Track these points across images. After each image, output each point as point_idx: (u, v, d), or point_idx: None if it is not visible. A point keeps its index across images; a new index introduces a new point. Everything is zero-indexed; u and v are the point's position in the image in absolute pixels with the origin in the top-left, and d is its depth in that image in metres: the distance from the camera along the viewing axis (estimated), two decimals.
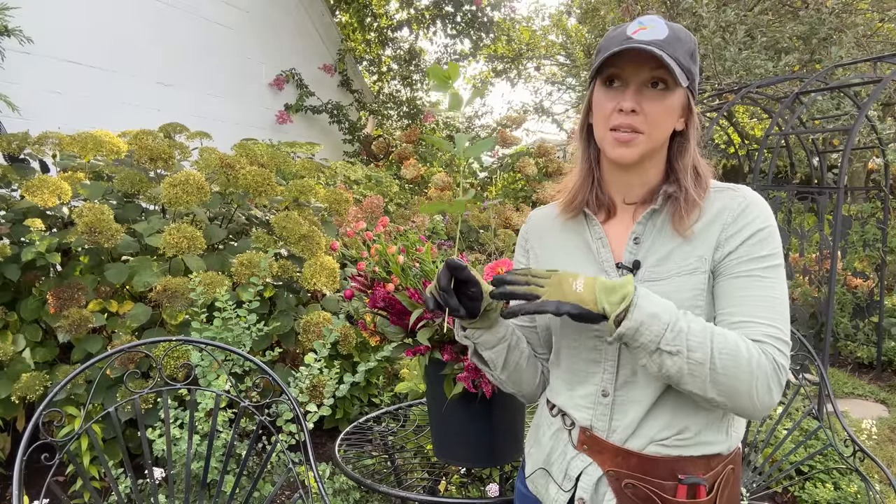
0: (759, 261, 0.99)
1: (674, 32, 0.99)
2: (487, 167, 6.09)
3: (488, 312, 1.07)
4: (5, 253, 2.35)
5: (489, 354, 1.13)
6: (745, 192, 1.04)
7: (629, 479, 1.02)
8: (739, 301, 0.98)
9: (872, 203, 5.30)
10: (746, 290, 0.98)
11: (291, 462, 1.74)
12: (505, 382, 1.18)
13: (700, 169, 1.06)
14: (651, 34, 0.97)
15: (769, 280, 0.98)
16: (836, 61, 4.94)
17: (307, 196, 3.10)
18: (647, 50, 0.94)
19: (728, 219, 1.01)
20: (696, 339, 0.91)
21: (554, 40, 11.43)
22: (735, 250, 0.99)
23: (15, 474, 1.35)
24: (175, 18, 4.90)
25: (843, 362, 4.99)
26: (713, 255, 1.01)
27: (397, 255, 1.49)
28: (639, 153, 1.01)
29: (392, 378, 3.31)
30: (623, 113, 0.99)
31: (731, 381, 0.91)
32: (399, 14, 7.73)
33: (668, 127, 1.02)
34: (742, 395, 0.92)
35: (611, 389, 1.05)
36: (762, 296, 0.98)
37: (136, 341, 2.30)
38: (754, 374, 0.91)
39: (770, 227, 1.01)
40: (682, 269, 1.01)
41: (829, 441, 2.11)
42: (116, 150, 2.90)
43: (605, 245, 1.09)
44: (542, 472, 1.15)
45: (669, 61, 0.94)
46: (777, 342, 0.95)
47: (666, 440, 1.01)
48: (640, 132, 0.99)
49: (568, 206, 1.13)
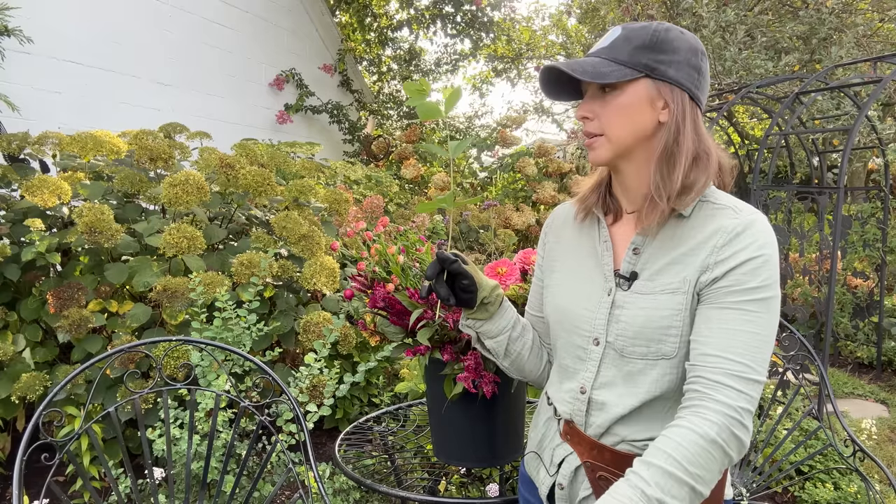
0: (747, 293, 0.94)
1: (624, 34, 1.00)
2: (487, 167, 6.09)
3: (486, 305, 1.14)
4: (5, 253, 2.35)
5: (491, 343, 1.19)
6: (746, 215, 0.99)
7: (602, 471, 1.05)
8: (717, 333, 0.95)
9: (872, 203, 5.30)
10: (726, 322, 0.95)
11: (291, 462, 1.74)
12: (508, 369, 1.24)
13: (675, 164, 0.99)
14: (600, 44, 1.03)
15: (754, 315, 0.94)
16: (836, 61, 4.94)
17: (307, 196, 3.10)
18: (550, 66, 1.01)
19: (720, 241, 0.97)
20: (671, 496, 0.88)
21: (554, 40, 11.42)
22: (723, 277, 0.96)
23: (15, 474, 1.35)
24: (175, 18, 4.90)
25: (843, 362, 4.99)
26: (698, 277, 0.98)
27: (397, 255, 1.49)
28: (607, 154, 1.03)
29: (392, 378, 3.31)
30: (582, 121, 1.05)
31: (714, 476, 0.91)
32: (399, 14, 7.74)
33: (631, 124, 1.00)
34: (722, 469, 0.92)
35: (588, 388, 1.07)
36: (741, 330, 0.94)
37: (136, 341, 2.30)
38: (726, 454, 0.90)
39: (765, 255, 0.95)
40: (666, 288, 1.00)
41: (829, 441, 2.11)
42: (116, 150, 2.90)
43: (609, 249, 1.09)
44: (535, 455, 1.21)
45: (573, 69, 0.97)
46: (739, 382, 0.91)
47: (637, 442, 1.03)
48: (599, 134, 1.03)
49: (580, 208, 1.15)
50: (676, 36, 1.00)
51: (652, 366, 1.01)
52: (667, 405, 1.03)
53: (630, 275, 1.05)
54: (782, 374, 2.28)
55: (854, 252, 5.01)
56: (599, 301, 1.07)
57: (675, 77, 0.99)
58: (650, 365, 1.01)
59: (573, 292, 1.12)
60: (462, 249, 4.01)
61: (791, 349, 2.12)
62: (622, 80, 0.98)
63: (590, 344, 1.08)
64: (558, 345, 1.15)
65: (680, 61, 0.99)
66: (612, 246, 1.09)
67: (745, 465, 2.16)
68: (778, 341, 2.21)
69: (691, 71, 1.00)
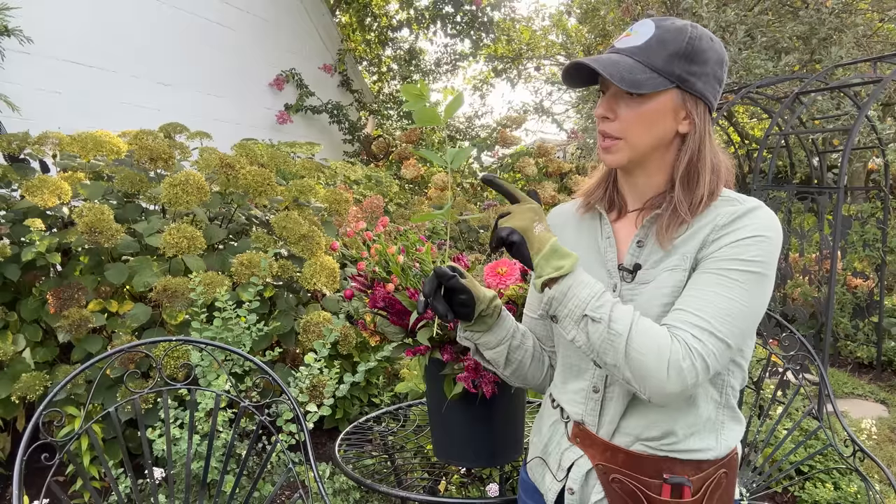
0: (735, 262, 0.94)
1: (658, 35, 0.97)
2: (487, 167, 6.09)
3: (484, 317, 1.10)
4: (5, 253, 2.35)
5: (490, 354, 1.16)
6: (750, 202, 1.00)
7: (616, 473, 1.04)
8: (692, 293, 0.95)
9: (872, 203, 5.31)
10: (705, 285, 0.94)
11: (291, 462, 1.74)
12: (510, 378, 1.21)
13: (699, 179, 1.00)
14: (631, 41, 0.99)
15: (735, 284, 0.93)
16: (836, 61, 4.94)
17: (307, 196, 3.10)
18: (585, 63, 0.96)
19: (721, 221, 0.98)
20: (619, 312, 0.93)
21: (554, 40, 11.42)
22: (718, 250, 0.96)
23: (15, 474, 1.35)
24: (175, 18, 4.90)
25: (843, 362, 4.99)
26: (696, 254, 0.99)
27: (397, 255, 1.49)
28: (623, 158, 1.02)
29: (392, 378, 3.31)
30: (601, 119, 1.01)
31: (643, 358, 0.90)
32: (399, 14, 7.74)
33: (652, 133, 1.00)
34: (651, 378, 0.90)
35: (601, 386, 1.06)
36: (718, 294, 0.93)
37: (136, 341, 2.30)
38: (663, 357, 0.89)
39: (763, 236, 0.95)
40: (665, 267, 1.01)
41: (829, 441, 2.11)
42: (116, 150, 2.90)
43: (612, 245, 1.09)
44: (539, 460, 1.18)
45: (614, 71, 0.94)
46: (695, 329, 0.91)
47: (651, 441, 1.02)
48: (619, 138, 1.00)
49: (584, 203, 1.15)
50: (708, 45, 0.99)
51: None
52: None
53: (633, 266, 1.05)
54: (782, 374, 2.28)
55: (854, 252, 5.01)
56: None
57: (701, 90, 0.99)
58: None
59: None
60: (462, 249, 4.01)
61: (791, 349, 2.12)
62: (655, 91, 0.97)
63: None
64: (561, 344, 1.14)
65: (708, 74, 0.99)
66: (616, 241, 1.09)
67: (746, 465, 2.16)
68: (778, 341, 2.21)
69: (715, 83, 1.01)
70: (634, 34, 0.99)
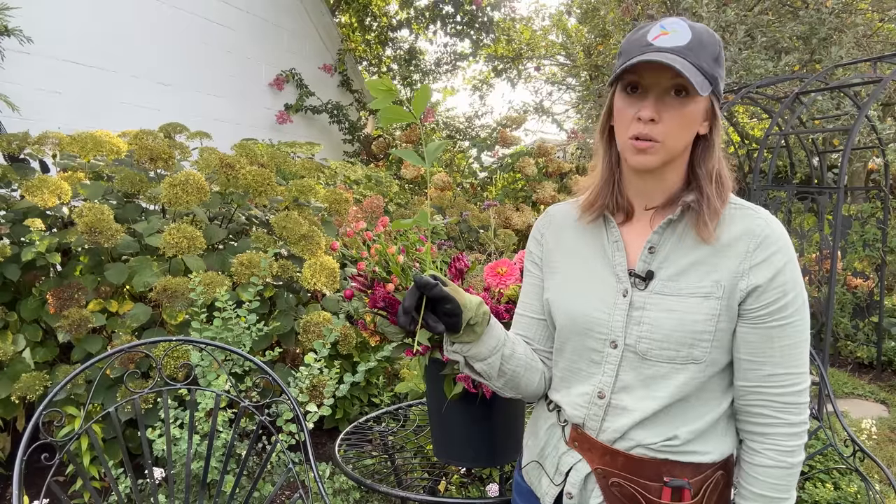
0: (794, 303, 1.00)
1: (697, 36, 0.96)
2: (487, 167, 6.09)
3: (473, 326, 1.02)
4: (5, 253, 2.35)
5: (481, 366, 1.08)
6: (765, 217, 1.02)
7: (616, 477, 1.03)
8: (780, 351, 1.01)
9: (872, 203, 5.30)
10: (788, 338, 1.00)
11: (291, 462, 1.74)
12: (503, 389, 1.14)
13: (723, 175, 1.03)
14: (672, 40, 0.96)
15: (803, 321, 1.01)
16: (836, 61, 4.94)
17: (307, 196, 3.10)
18: (667, 63, 0.92)
19: (750, 246, 0.99)
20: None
21: (554, 40, 11.41)
22: (767, 290, 0.99)
23: (15, 474, 1.35)
24: (175, 18, 4.90)
25: (843, 362, 4.99)
26: (735, 283, 0.99)
27: (397, 255, 1.49)
28: (659, 161, 0.99)
29: (392, 378, 3.31)
30: (642, 122, 0.97)
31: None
32: (399, 14, 7.73)
33: (688, 135, 1.00)
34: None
35: (608, 392, 1.04)
36: (800, 341, 1.01)
37: (136, 341, 2.30)
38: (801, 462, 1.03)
39: (792, 258, 1.00)
40: (696, 291, 0.99)
41: (829, 441, 2.10)
42: (116, 150, 2.90)
43: (621, 249, 1.07)
44: (536, 464, 1.17)
45: (690, 73, 0.92)
46: (803, 395, 1.01)
47: (653, 444, 1.02)
48: (658, 141, 0.97)
49: (588, 209, 1.10)
50: (722, 48, 1.02)
51: (679, 370, 1.00)
52: (686, 407, 1.02)
53: (646, 274, 1.03)
54: None
55: (854, 252, 5.01)
56: (615, 303, 1.04)
57: (720, 92, 1.01)
58: (677, 369, 1.00)
59: (583, 294, 1.09)
60: (462, 249, 4.00)
61: None
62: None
63: (606, 347, 1.05)
64: (567, 348, 1.11)
65: (723, 76, 1.02)
66: (624, 245, 1.07)
67: None
68: None
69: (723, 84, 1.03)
70: (673, 32, 0.97)
